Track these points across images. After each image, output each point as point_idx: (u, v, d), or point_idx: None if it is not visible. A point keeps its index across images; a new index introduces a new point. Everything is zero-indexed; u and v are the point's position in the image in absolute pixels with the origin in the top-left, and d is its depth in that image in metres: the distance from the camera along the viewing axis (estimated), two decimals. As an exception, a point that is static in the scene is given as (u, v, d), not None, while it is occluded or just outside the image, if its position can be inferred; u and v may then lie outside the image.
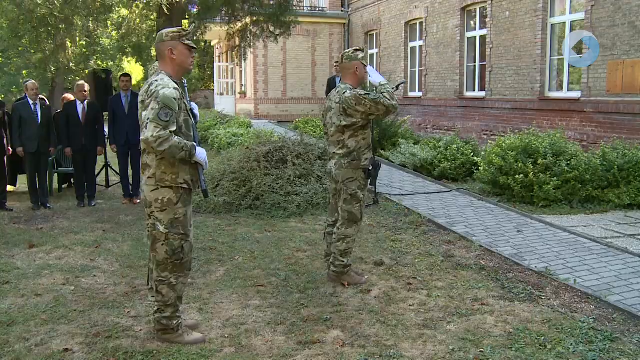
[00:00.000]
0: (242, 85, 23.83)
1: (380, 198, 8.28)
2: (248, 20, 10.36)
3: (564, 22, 11.31)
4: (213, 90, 30.22)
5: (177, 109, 3.53)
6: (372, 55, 20.04)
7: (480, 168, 8.64)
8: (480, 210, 7.58)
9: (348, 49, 4.96)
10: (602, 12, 10.05)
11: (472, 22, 14.49)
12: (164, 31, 3.73)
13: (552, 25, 11.58)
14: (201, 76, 37.43)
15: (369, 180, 4.84)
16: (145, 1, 8.11)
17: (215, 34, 17.03)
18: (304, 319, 4.16)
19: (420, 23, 16.55)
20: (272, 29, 10.19)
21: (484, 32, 13.62)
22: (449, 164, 9.82)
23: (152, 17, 9.45)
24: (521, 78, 12.08)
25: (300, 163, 8.15)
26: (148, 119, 3.43)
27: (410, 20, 17.06)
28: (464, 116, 14.16)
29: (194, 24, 9.37)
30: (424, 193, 8.74)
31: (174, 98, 3.49)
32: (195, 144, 3.65)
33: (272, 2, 10.08)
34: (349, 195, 4.81)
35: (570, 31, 11.14)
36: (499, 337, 3.82)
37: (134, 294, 4.79)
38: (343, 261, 4.88)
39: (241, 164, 8.18)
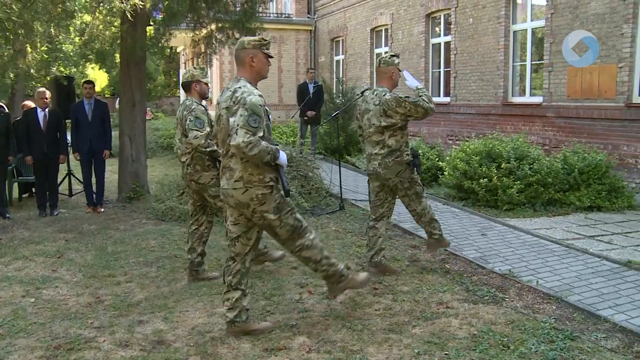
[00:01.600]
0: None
1: (346, 204, 8.31)
2: (213, 26, 10.29)
3: (526, 29, 11.54)
4: (179, 97, 29.97)
5: (263, 114, 3.69)
6: (338, 61, 20.14)
7: (445, 173, 8.74)
8: (446, 215, 7.66)
9: (385, 54, 5.29)
10: (561, 20, 10.28)
11: (436, 29, 14.67)
12: (245, 39, 3.92)
13: (514, 32, 11.80)
14: (167, 83, 37.12)
15: (415, 170, 5.23)
16: (108, 7, 7.98)
17: (181, 40, 16.90)
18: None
19: (386, 29, 16.69)
20: (237, 35, 10.14)
21: (448, 38, 13.80)
22: (415, 168, 9.89)
23: (115, 24, 9.33)
24: (485, 84, 12.27)
25: (267, 169, 8.10)
26: (238, 125, 3.59)
27: (376, 27, 17.20)
28: (429, 121, 14.29)
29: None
30: (390, 198, 8.77)
31: (260, 105, 3.66)
32: (277, 147, 3.83)
33: (237, 9, 10.04)
34: (408, 182, 5.18)
35: (532, 38, 11.38)
36: (464, 339, 3.86)
37: (97, 304, 4.71)
38: (435, 229, 5.41)
39: (207, 171, 8.11)
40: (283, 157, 3.83)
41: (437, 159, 9.98)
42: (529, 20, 11.46)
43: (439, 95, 14.37)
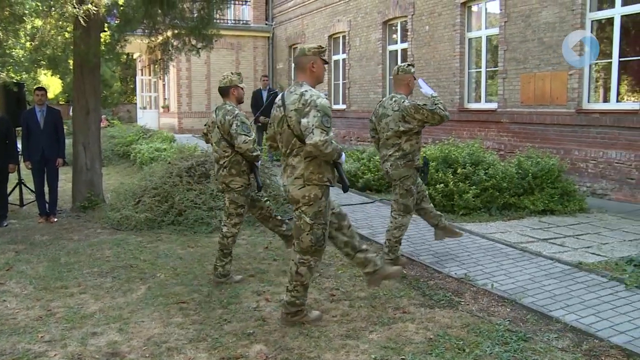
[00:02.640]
0: (165, 99, 23.41)
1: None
2: (169, 33, 10.17)
3: (480, 37, 11.79)
4: (135, 104, 29.52)
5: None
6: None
7: (403, 178, 8.79)
8: (403, 220, 7.71)
9: (402, 63, 5.76)
10: (514, 28, 10.53)
11: (393, 36, 14.85)
12: (305, 47, 4.21)
13: (469, 39, 12.04)
14: (123, 90, 36.53)
15: (422, 176, 5.63)
16: (60, 12, 7.79)
17: (137, 46, 16.69)
18: (226, 335, 4.11)
19: (344, 36, 16.81)
20: (194, 42, 10.04)
21: (405, 45, 13.99)
22: (372, 175, 9.97)
23: (68, 29, 9.13)
24: (441, 90, 12.46)
25: (224, 177, 8.05)
26: (313, 125, 3.85)
27: (334, 34, 17.30)
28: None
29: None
30: (347, 204, 8.81)
31: (328, 107, 3.98)
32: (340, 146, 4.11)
33: (194, 15, 9.95)
34: (404, 190, 5.49)
35: (487, 45, 11.61)
36: (420, 343, 3.89)
37: (48, 317, 4.57)
38: (395, 251, 5.60)
39: (163, 180, 8.01)
40: (343, 156, 4.14)
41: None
42: (484, 28, 11.71)
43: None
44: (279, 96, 4.23)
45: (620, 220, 7.66)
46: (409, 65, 5.62)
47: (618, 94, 9.33)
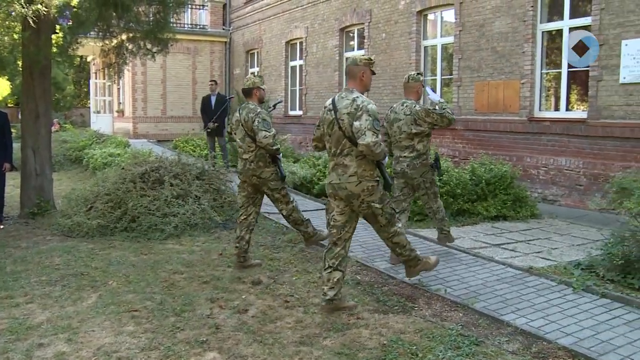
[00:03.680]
0: (119, 103, 23.00)
1: (259, 217, 8.23)
2: (124, 36, 9.98)
3: (436, 45, 11.97)
4: (89, 108, 28.92)
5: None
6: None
7: (359, 184, 8.82)
8: (358, 226, 7.62)
9: (412, 72, 6.29)
10: (469, 37, 10.73)
11: (350, 43, 14.94)
12: (357, 57, 4.66)
13: (425, 47, 12.20)
14: (77, 93, 35.76)
15: (436, 171, 6.18)
16: (7, 11, 7.55)
17: (90, 49, 16.36)
18: (179, 343, 4.04)
19: (301, 43, 16.84)
20: (149, 46, 9.87)
21: (361, 52, 14.08)
22: (330, 181, 9.95)
23: (16, 30, 8.87)
24: (397, 97, 12.55)
25: (178, 183, 7.94)
26: (365, 127, 4.27)
27: (291, 40, 17.31)
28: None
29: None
30: (303, 211, 8.75)
31: (377, 112, 4.38)
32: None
33: (150, 19, 9.79)
34: (429, 183, 6.12)
35: (442, 53, 11.80)
36: (374, 349, 3.89)
37: (-8, 328, 4.41)
38: (445, 225, 6.43)
39: (116, 185, 7.85)
40: (385, 157, 4.51)
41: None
42: (439, 37, 11.90)
43: (354, 108, 14.59)
44: (330, 100, 4.62)
45: (569, 225, 7.87)
46: (418, 74, 6.14)
47: (568, 102, 9.59)
